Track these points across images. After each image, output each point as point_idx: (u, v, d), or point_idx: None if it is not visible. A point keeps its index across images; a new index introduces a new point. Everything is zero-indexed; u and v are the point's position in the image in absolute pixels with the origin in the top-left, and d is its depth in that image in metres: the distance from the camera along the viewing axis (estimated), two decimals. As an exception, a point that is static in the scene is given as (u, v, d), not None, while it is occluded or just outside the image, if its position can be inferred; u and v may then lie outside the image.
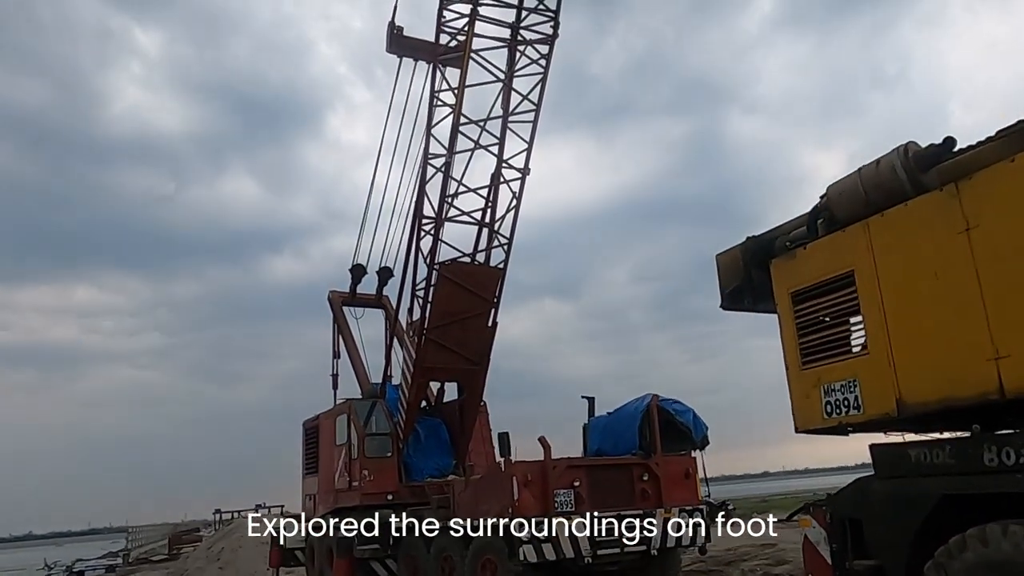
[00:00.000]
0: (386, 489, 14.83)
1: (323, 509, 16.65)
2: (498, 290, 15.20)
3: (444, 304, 14.62)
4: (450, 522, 11.31)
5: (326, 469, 16.63)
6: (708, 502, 15.60)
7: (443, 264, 14.65)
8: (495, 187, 15.24)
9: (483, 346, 15.30)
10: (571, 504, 10.15)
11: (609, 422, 12.04)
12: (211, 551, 20.33)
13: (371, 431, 15.19)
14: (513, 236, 15.24)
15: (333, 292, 19.87)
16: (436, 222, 14.70)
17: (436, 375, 15.30)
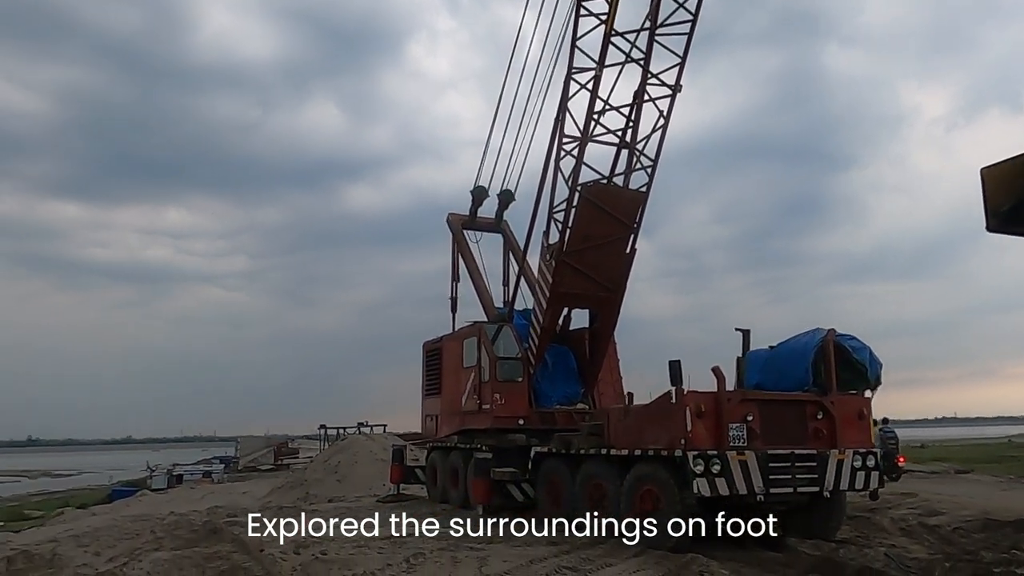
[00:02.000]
0: (517, 414, 14.65)
1: (447, 430, 16.69)
2: (639, 215, 14.49)
3: (584, 227, 14.02)
4: (602, 450, 10.96)
5: (451, 391, 16.58)
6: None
7: (585, 186, 13.98)
8: (639, 105, 14.36)
9: (620, 273, 14.72)
10: (743, 439, 9.62)
11: (771, 356, 11.37)
12: (328, 464, 20.91)
13: (502, 355, 14.95)
14: (658, 158, 14.41)
15: (452, 214, 19.51)
16: (580, 141, 13.97)
17: (571, 301, 14.84)
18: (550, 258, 14.44)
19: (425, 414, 18.03)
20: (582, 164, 13.99)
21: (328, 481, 19.90)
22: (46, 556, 11.60)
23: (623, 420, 10.72)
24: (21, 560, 11.47)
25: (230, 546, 10.80)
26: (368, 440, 22.91)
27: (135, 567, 9.46)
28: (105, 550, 11.68)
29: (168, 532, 13.29)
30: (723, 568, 8.31)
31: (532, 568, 8.64)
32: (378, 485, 19.77)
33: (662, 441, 9.75)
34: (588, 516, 11.28)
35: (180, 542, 11.85)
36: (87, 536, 14.77)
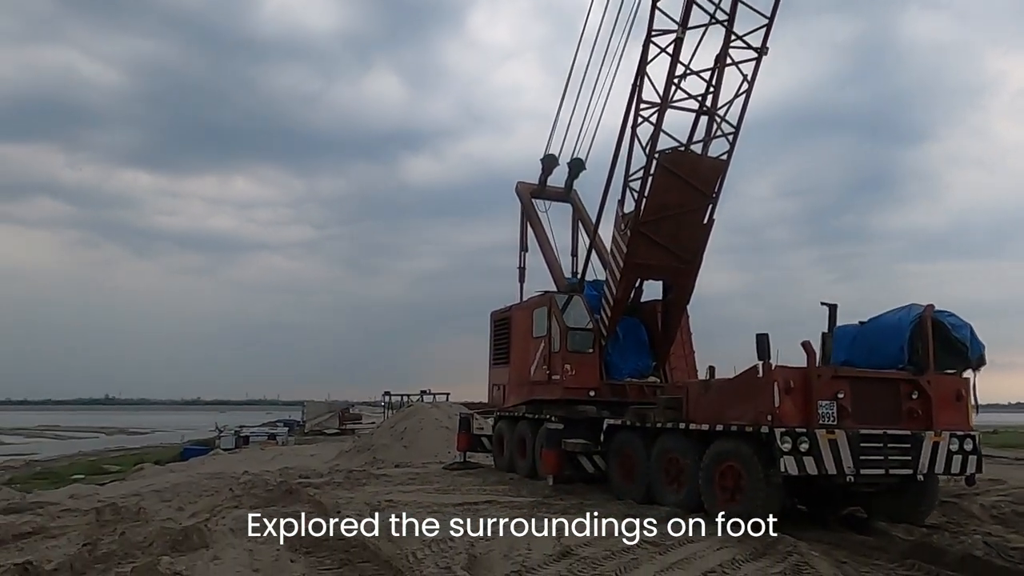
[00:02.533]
0: (588, 385, 14.45)
1: (515, 400, 16.62)
2: (719, 184, 13.99)
3: (660, 196, 13.62)
4: (680, 424, 10.69)
5: (519, 361, 16.47)
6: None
7: (663, 153, 13.56)
8: (720, 69, 13.79)
9: (697, 244, 14.28)
10: (833, 417, 9.22)
11: (861, 332, 10.87)
12: (394, 430, 21.20)
13: (573, 325, 14.73)
14: (740, 125, 13.84)
15: (521, 183, 19.27)
16: (659, 107, 13.51)
17: (645, 272, 14.48)
18: (625, 228, 14.10)
19: (492, 383, 18.00)
20: (661, 131, 13.57)
21: (394, 447, 20.16)
22: (132, 509, 12.01)
23: (704, 394, 10.42)
24: (109, 512, 11.90)
25: (307, 507, 10.97)
26: (433, 408, 23.11)
27: (217, 523, 9.66)
28: (187, 505, 12.05)
29: (245, 491, 13.63)
30: (812, 550, 8.00)
31: (609, 541, 8.48)
32: (443, 452, 19.93)
33: (747, 417, 9.43)
34: (663, 491, 11.09)
35: (257, 501, 12.12)
36: (168, 491, 15.32)
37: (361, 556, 7.55)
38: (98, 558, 8.22)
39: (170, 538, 8.94)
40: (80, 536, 10.00)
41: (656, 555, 7.83)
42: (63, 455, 50.93)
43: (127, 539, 9.24)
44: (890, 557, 7.92)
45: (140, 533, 9.70)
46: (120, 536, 9.56)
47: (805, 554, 7.76)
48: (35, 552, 8.90)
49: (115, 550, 8.65)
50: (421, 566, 7.18)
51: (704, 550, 8.15)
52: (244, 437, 44.34)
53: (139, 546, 8.77)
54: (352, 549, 7.85)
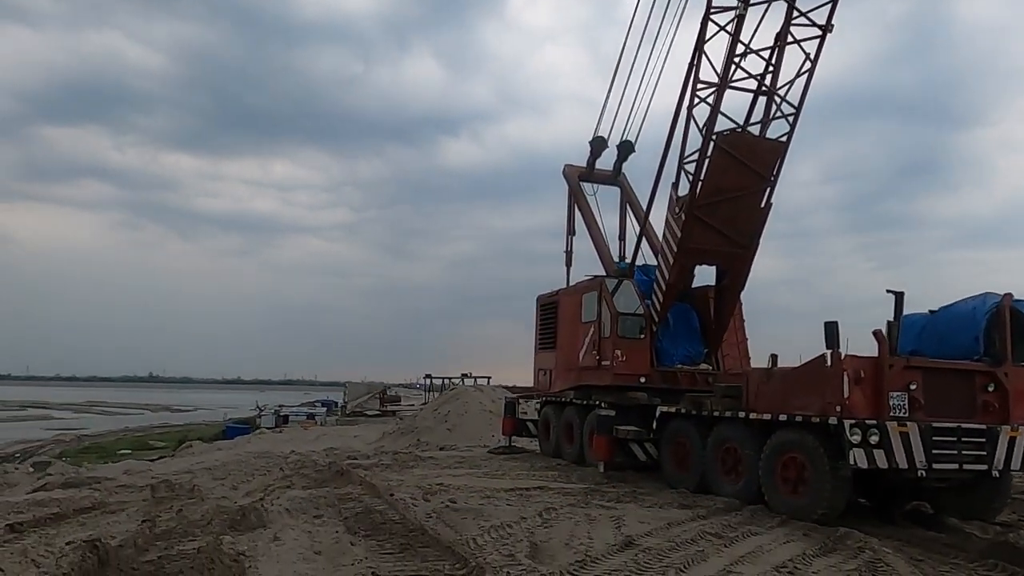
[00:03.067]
0: (638, 371, 14.20)
1: (562, 385, 16.45)
2: (777, 167, 13.57)
3: (717, 179, 13.26)
4: (739, 413, 10.42)
5: (567, 346, 16.28)
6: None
7: (721, 135, 13.18)
8: (781, 48, 13.34)
9: (753, 228, 13.90)
10: (905, 409, 8.88)
11: (931, 321, 10.45)
12: (438, 413, 21.20)
13: (624, 311, 14.48)
14: (802, 106, 13.39)
15: (569, 166, 18.98)
16: (717, 87, 13.12)
17: (699, 257, 14.13)
18: (679, 211, 13.77)
19: (538, 368, 17.84)
20: (719, 112, 13.19)
21: (438, 430, 20.15)
22: (185, 486, 12.14)
23: (766, 383, 10.12)
24: (164, 488, 12.04)
25: (359, 488, 10.95)
26: (477, 391, 23.06)
27: (274, 503, 9.68)
28: (240, 484, 12.13)
29: (295, 471, 13.71)
30: (884, 546, 7.71)
31: (672, 531, 8.29)
32: (487, 436, 19.87)
33: (813, 407, 9.12)
34: (719, 481, 10.85)
35: (309, 481, 12.16)
36: (219, 469, 15.49)
37: (421, 541, 7.45)
38: (158, 535, 8.27)
39: (228, 517, 8.97)
40: (138, 512, 10.10)
41: (722, 547, 7.61)
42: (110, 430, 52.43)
43: (185, 516, 9.30)
44: (969, 556, 7.59)
45: (196, 511, 9.77)
46: (177, 513, 9.64)
47: (878, 551, 7.48)
48: (96, 527, 9.00)
49: (174, 527, 8.70)
50: (483, 552, 7.05)
51: (770, 543, 7.91)
52: (284, 416, 45.11)
53: (197, 524, 8.80)
54: (411, 533, 7.76)
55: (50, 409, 76.69)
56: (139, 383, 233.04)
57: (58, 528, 8.93)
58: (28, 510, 10.02)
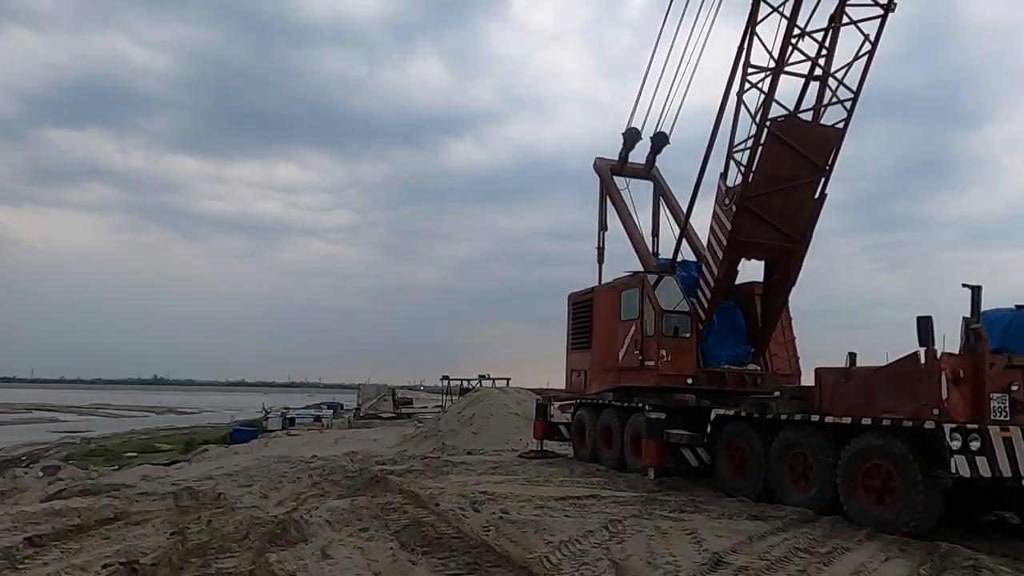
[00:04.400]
0: (684, 372, 13.47)
1: (598, 386, 15.71)
2: (833, 156, 12.84)
3: (769, 168, 12.53)
4: (811, 416, 9.66)
5: (604, 345, 15.54)
6: None
7: (775, 121, 12.44)
8: (835, 29, 12.59)
9: (806, 221, 13.18)
10: (1006, 412, 8.15)
11: (1019, 317, 9.67)
12: (462, 415, 20.45)
13: (669, 308, 13.74)
14: (860, 91, 12.64)
15: (600, 159, 18.25)
16: (773, 71, 12.39)
17: (749, 251, 13.39)
18: (729, 202, 13.04)
19: (571, 369, 17.10)
20: (773, 97, 12.46)
21: (463, 433, 19.40)
22: (210, 494, 11.41)
23: (844, 383, 9.35)
24: (187, 496, 11.31)
25: (400, 497, 10.21)
26: (501, 393, 22.32)
27: (313, 514, 8.94)
28: (270, 492, 11.39)
29: (324, 477, 12.98)
30: (999, 563, 6.96)
31: (757, 547, 7.54)
32: (515, 439, 19.12)
33: (904, 410, 8.36)
34: (786, 489, 10.09)
35: (343, 489, 11.43)
36: (241, 475, 14.74)
37: (488, 559, 6.71)
38: (192, 551, 7.54)
39: (265, 530, 8.26)
40: (165, 523, 9.37)
41: (821, 566, 6.87)
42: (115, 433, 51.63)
43: (217, 529, 8.58)
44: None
45: (228, 522, 9.05)
46: (208, 525, 8.92)
47: (995, 570, 6.72)
48: (122, 541, 8.27)
49: (207, 541, 7.98)
50: (560, 572, 6.33)
51: (870, 560, 7.16)
52: (290, 419, 44.48)
53: (232, 538, 8.08)
54: (474, 550, 7.02)
55: (55, 412, 75.95)
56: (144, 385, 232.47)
57: (81, 542, 8.21)
58: (46, 520, 9.30)
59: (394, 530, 8.09)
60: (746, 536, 7.99)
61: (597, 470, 14.22)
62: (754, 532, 8.25)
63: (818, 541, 7.92)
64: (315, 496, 10.78)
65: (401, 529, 8.15)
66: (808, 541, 7.85)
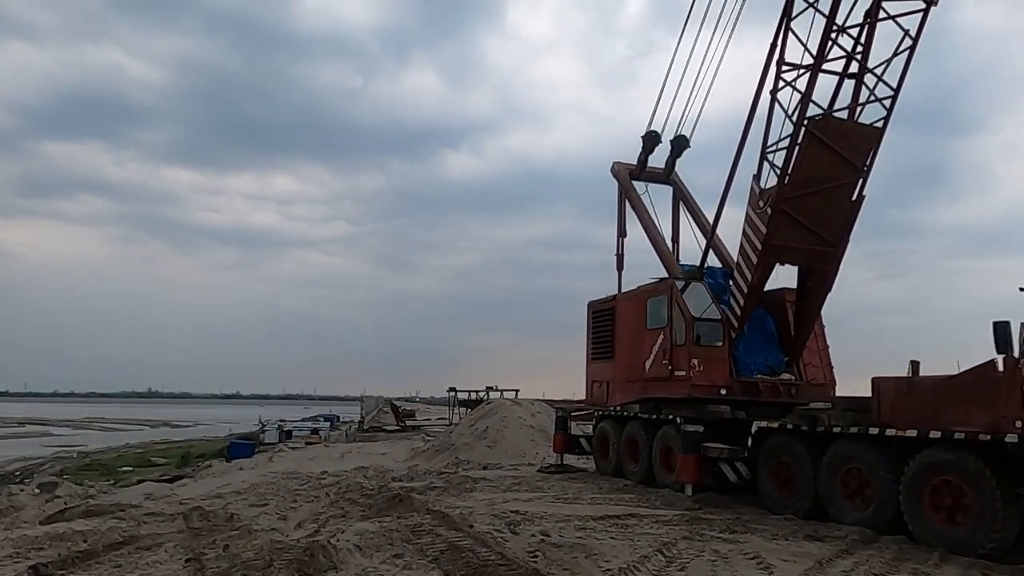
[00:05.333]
0: (717, 382, 12.90)
1: (622, 398, 15.09)
2: (871, 156, 12.33)
3: (807, 169, 12.02)
4: (869, 429, 9.07)
5: (629, 355, 14.94)
6: None
7: (813, 120, 11.92)
8: (872, 24, 12.10)
9: (843, 224, 12.67)
10: (1090, 424, 7.54)
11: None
12: (475, 429, 19.78)
13: (700, 316, 13.17)
14: (900, 88, 12.14)
15: (619, 163, 17.70)
16: (811, 67, 11.88)
17: (784, 255, 12.84)
18: (764, 205, 12.51)
19: (592, 380, 16.49)
20: (811, 96, 11.95)
21: (477, 447, 18.73)
22: (221, 514, 10.76)
23: (908, 394, 8.76)
24: (197, 517, 10.65)
25: (428, 517, 9.55)
26: (515, 405, 21.67)
27: (340, 538, 8.28)
28: (287, 512, 10.73)
29: (340, 495, 12.31)
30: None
31: (829, 572, 6.96)
32: (531, 453, 18.47)
33: (979, 422, 7.79)
34: (839, 506, 9.49)
35: (364, 509, 10.76)
36: (251, 493, 14.06)
37: (546, 591, 6.07)
38: (213, 580, 6.91)
39: (291, 556, 7.59)
40: (178, 548, 8.71)
41: (909, 595, 6.25)
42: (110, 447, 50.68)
43: (236, 555, 7.92)
44: None
45: (246, 547, 8.39)
46: (225, 551, 8.26)
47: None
48: (134, 569, 7.64)
49: (227, 569, 7.34)
50: (629, 606, 5.70)
51: (959, 588, 6.55)
52: (287, 431, 43.68)
53: (254, 566, 7.42)
54: (529, 581, 6.39)
55: (49, 425, 74.81)
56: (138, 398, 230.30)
57: (90, 570, 7.57)
58: (50, 546, 8.63)
59: (431, 556, 7.46)
60: (814, 560, 7.40)
61: (624, 485, 13.59)
62: (819, 555, 7.66)
63: (891, 565, 7.34)
64: (336, 517, 10.13)
65: (439, 555, 7.51)
66: (881, 566, 7.27)
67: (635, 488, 13.28)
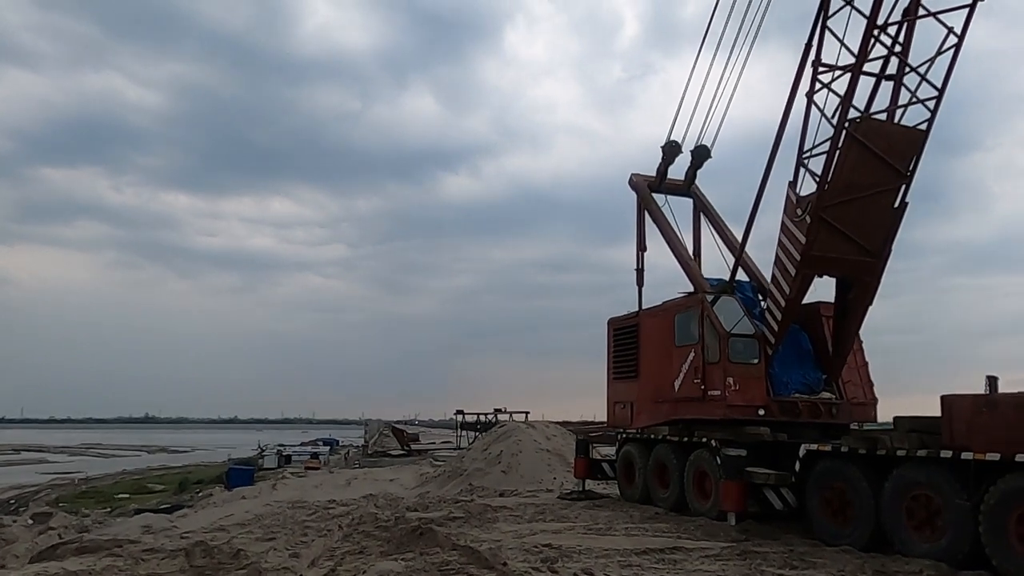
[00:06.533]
0: (755, 402, 12.11)
1: (649, 419, 14.28)
2: (915, 161, 11.64)
3: (848, 175, 11.32)
4: (940, 452, 8.28)
5: (654, 374, 14.14)
6: None
7: (855, 122, 11.25)
8: (911, 23, 11.49)
9: (885, 233, 11.93)
10: None
11: None
12: (488, 453, 18.91)
13: (735, 331, 12.41)
14: (945, 89, 11.47)
15: (637, 175, 17.02)
16: (853, 67, 11.23)
17: (823, 266, 12.09)
18: (802, 213, 11.79)
19: (614, 401, 15.66)
20: (852, 98, 11.30)
21: (491, 472, 17.86)
22: (226, 550, 9.88)
23: (986, 413, 7.97)
24: (200, 554, 9.77)
25: (455, 554, 8.70)
26: (530, 428, 20.81)
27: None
28: (297, 547, 9.86)
29: (353, 528, 11.44)
30: None
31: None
32: (548, 478, 17.62)
33: (1075, 444, 6.99)
34: (905, 538, 8.66)
35: (381, 543, 9.89)
36: (256, 525, 13.21)
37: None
38: (222, 632, 6.07)
39: (309, 602, 6.77)
40: (181, 592, 7.90)
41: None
42: (107, 473, 49.62)
43: (247, 600, 7.10)
44: None
45: (257, 589, 7.57)
46: (234, 594, 7.43)
47: None
48: (133, 618, 6.80)
49: (237, 618, 6.50)
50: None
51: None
52: (287, 456, 42.97)
53: (267, 612, 6.60)
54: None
55: (45, 452, 73.70)
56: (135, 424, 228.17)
57: (82, 621, 6.73)
58: (39, 591, 7.80)
59: (469, 602, 6.62)
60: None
61: (656, 513, 12.73)
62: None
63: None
64: (353, 553, 9.28)
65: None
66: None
67: (668, 516, 12.43)
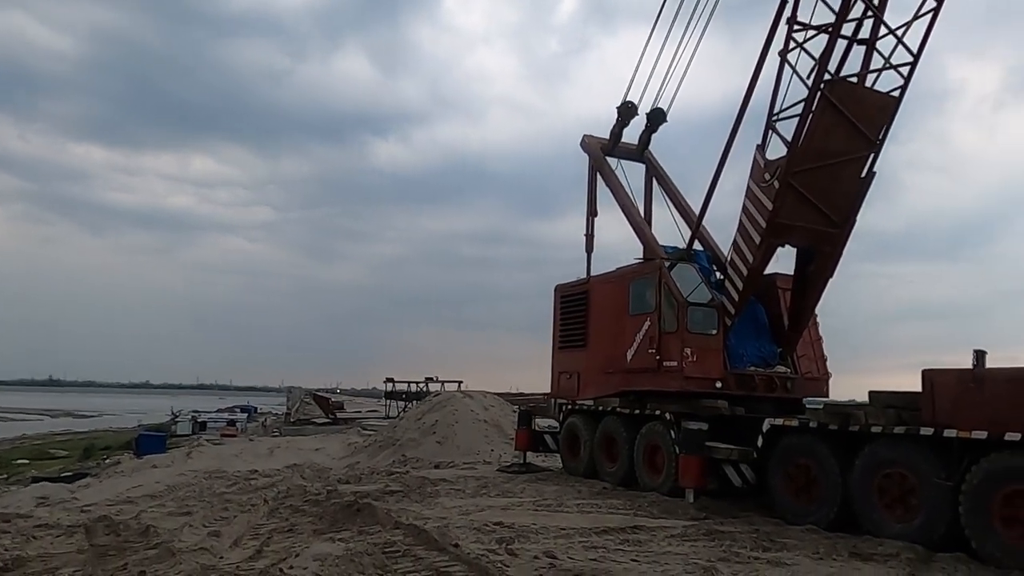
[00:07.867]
0: (711, 375, 11.61)
1: (597, 391, 13.64)
2: (886, 128, 11.23)
3: (820, 139, 10.84)
4: (920, 429, 7.86)
5: (606, 343, 13.49)
6: None
7: (830, 83, 10.73)
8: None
9: (851, 202, 11.54)
10: None
11: None
12: (422, 423, 17.98)
13: (694, 300, 11.83)
14: (921, 55, 11.06)
15: (589, 137, 16.23)
16: (831, 26, 10.65)
17: (787, 235, 11.60)
18: (770, 178, 11.25)
19: (559, 370, 14.97)
20: (828, 60, 10.75)
21: (426, 443, 16.97)
22: (134, 526, 8.77)
23: (972, 389, 7.56)
24: (103, 530, 8.64)
25: (398, 532, 7.82)
26: (467, 398, 19.98)
27: (295, 565, 6.48)
28: (219, 525, 8.76)
29: (280, 502, 10.39)
30: None
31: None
32: (486, 450, 16.88)
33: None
34: (876, 518, 8.26)
35: (313, 520, 8.91)
36: (168, 497, 11.99)
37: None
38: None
39: (234, 592, 5.79)
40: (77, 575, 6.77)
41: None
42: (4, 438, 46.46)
43: (157, 588, 6.05)
44: None
45: (168, 573, 6.53)
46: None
47: None
48: (15, 610, 5.68)
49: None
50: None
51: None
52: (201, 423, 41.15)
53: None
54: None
55: (-65, 415, 68.70)
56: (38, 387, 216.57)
57: (-51, 615, 5.58)
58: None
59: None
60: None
61: (604, 488, 12.13)
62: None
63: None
64: (281, 531, 8.28)
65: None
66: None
67: (617, 492, 11.85)
